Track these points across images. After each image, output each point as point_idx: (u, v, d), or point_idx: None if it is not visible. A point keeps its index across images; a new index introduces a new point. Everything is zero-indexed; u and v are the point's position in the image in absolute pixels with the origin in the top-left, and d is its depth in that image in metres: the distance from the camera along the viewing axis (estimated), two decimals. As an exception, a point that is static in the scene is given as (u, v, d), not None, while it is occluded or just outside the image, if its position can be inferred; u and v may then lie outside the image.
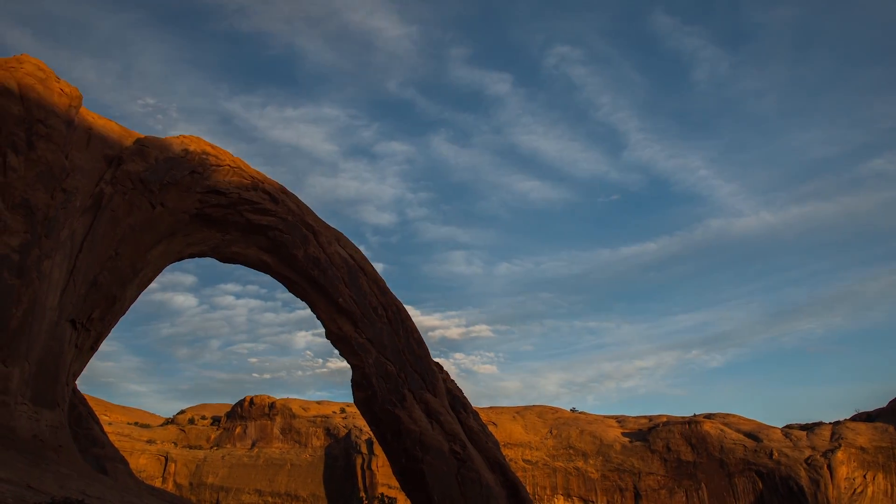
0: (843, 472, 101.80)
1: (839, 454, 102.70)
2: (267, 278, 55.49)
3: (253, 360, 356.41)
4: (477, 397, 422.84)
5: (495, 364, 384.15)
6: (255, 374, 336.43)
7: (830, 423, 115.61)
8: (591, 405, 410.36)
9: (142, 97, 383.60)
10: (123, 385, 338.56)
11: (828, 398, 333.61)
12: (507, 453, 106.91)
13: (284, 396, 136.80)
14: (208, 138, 46.92)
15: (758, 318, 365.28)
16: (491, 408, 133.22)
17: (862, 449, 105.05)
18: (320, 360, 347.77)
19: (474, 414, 62.90)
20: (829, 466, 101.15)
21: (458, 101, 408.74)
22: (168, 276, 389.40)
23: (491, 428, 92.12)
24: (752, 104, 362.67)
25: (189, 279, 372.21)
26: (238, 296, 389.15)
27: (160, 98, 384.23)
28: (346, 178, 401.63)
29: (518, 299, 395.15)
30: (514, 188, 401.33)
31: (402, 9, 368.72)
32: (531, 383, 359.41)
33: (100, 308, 38.89)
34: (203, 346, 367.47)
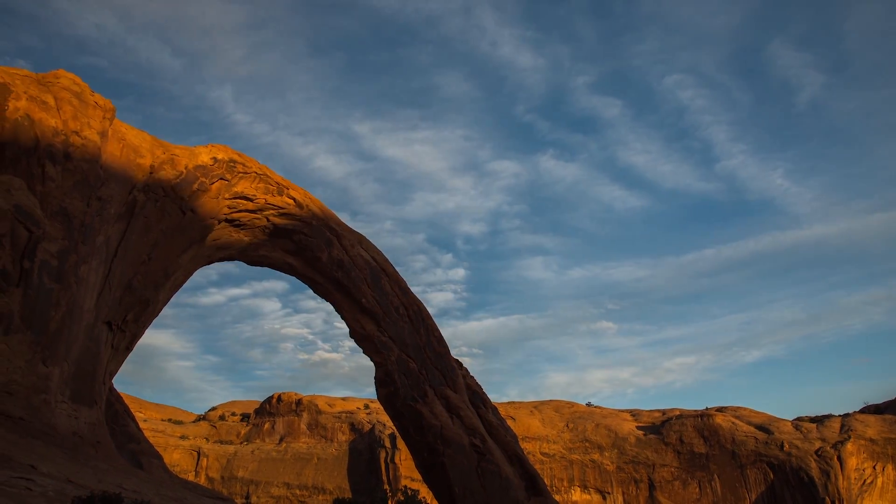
0: (852, 463, 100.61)
1: (849, 446, 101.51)
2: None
3: (324, 356, 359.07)
4: (524, 392, 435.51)
5: (545, 360, 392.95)
6: (323, 374, 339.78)
7: (840, 416, 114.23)
8: (631, 399, 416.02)
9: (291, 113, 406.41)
10: (193, 383, 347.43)
11: (837, 394, 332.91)
12: (525, 447, 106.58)
13: (311, 394, 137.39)
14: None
15: (796, 317, 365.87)
16: (509, 403, 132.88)
17: (871, 440, 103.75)
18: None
19: (493, 409, 62.77)
20: (839, 458, 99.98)
21: (572, 123, 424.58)
22: (260, 284, 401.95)
23: (509, 422, 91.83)
24: (845, 123, 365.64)
25: (280, 285, 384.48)
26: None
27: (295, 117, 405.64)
28: (451, 194, 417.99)
29: (578, 302, 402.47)
30: (602, 199, 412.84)
31: (536, 45, 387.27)
32: (578, 379, 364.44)
33: (134, 310, 39.20)
34: (275, 349, 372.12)
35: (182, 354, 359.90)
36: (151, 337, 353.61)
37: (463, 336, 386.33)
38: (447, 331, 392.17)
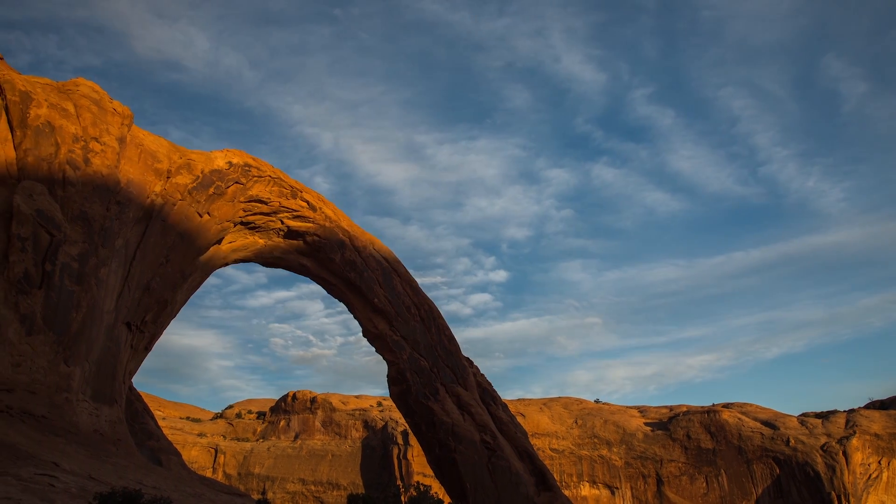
0: (858, 458, 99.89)
1: (854, 441, 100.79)
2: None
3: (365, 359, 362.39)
4: (548, 388, 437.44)
5: (570, 358, 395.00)
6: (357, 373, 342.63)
7: (845, 411, 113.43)
8: (652, 395, 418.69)
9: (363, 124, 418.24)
10: (230, 382, 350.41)
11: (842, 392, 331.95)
12: (535, 443, 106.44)
13: (325, 392, 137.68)
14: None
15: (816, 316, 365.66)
16: (519, 399, 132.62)
17: (876, 436, 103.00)
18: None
19: (503, 406, 62.71)
20: (844, 453, 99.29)
21: (626, 132, 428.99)
22: (308, 286, 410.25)
23: (519, 419, 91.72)
24: (886, 130, 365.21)
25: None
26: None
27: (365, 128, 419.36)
28: (502, 200, 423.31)
29: (609, 302, 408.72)
30: (646, 202, 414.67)
31: (600, 62, 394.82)
32: (600, 376, 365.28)
33: (152, 311, 39.39)
34: (315, 350, 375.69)
35: (222, 354, 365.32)
36: (192, 337, 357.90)
37: (495, 335, 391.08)
38: (481, 331, 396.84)
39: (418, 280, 60.00)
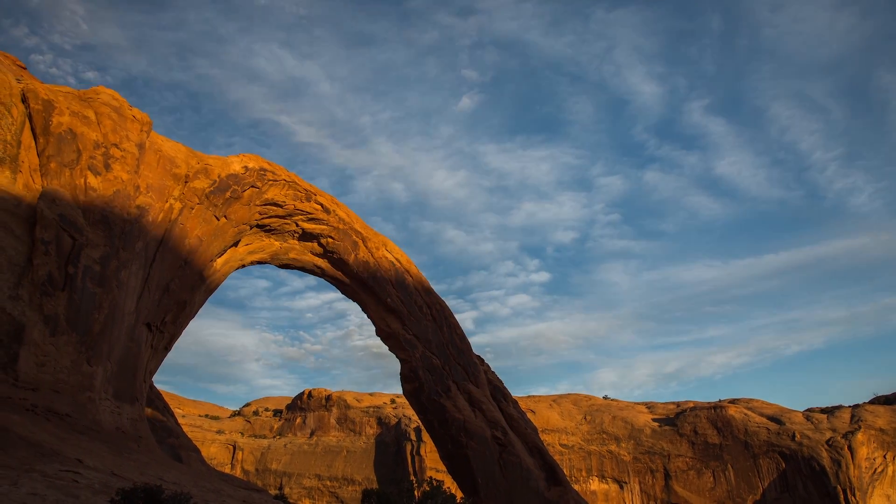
0: (863, 452, 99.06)
1: (859, 436, 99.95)
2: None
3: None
4: (574, 385, 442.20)
5: (595, 357, 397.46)
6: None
7: (850, 407, 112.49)
8: (674, 391, 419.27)
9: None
10: (266, 381, 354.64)
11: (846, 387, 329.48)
12: (545, 438, 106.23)
13: (340, 389, 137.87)
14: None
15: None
16: (529, 396, 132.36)
17: (881, 430, 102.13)
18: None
19: (514, 402, 62.63)
20: (849, 447, 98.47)
21: (679, 140, 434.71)
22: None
23: (529, 415, 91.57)
24: None
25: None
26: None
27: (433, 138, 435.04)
28: (553, 205, 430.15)
29: (642, 303, 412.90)
30: (690, 206, 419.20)
31: (662, 78, 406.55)
32: (626, 374, 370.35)
33: (172, 312, 39.54)
34: (351, 350, 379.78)
35: (263, 354, 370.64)
36: (233, 337, 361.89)
37: (529, 335, 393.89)
38: (515, 331, 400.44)
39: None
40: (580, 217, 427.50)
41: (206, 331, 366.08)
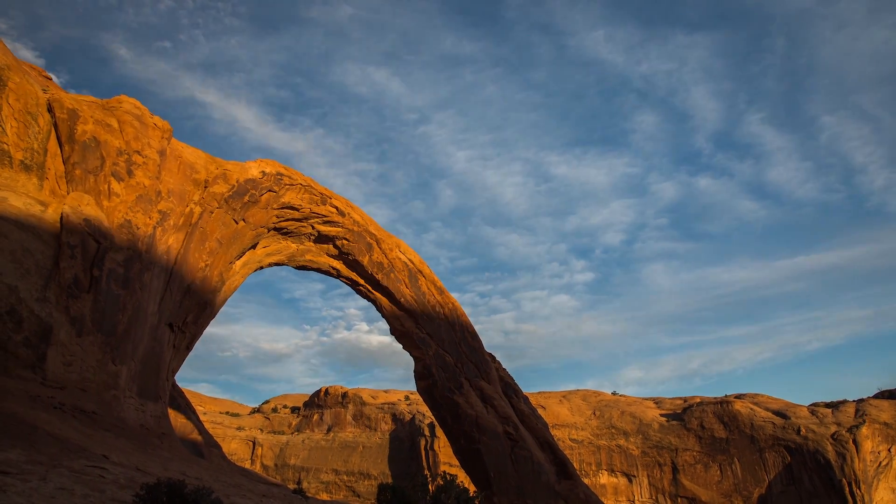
0: (868, 446, 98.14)
1: (864, 430, 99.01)
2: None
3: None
4: (600, 383, 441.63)
5: (621, 355, 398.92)
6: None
7: (854, 401, 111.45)
8: (698, 386, 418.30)
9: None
10: (306, 380, 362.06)
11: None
12: (556, 434, 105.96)
13: (356, 387, 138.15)
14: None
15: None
16: (539, 392, 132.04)
17: (885, 424, 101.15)
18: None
19: (525, 398, 62.51)
20: (854, 441, 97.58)
21: (733, 148, 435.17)
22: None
23: (540, 411, 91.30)
24: None
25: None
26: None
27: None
28: (607, 209, 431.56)
29: (676, 303, 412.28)
30: (737, 209, 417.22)
31: (726, 95, 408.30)
32: (648, 370, 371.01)
33: (193, 313, 39.75)
34: (396, 352, 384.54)
35: (303, 356, 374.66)
36: (274, 340, 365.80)
37: (565, 333, 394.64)
38: (551, 328, 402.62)
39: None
40: (631, 221, 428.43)
41: (254, 330, 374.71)
